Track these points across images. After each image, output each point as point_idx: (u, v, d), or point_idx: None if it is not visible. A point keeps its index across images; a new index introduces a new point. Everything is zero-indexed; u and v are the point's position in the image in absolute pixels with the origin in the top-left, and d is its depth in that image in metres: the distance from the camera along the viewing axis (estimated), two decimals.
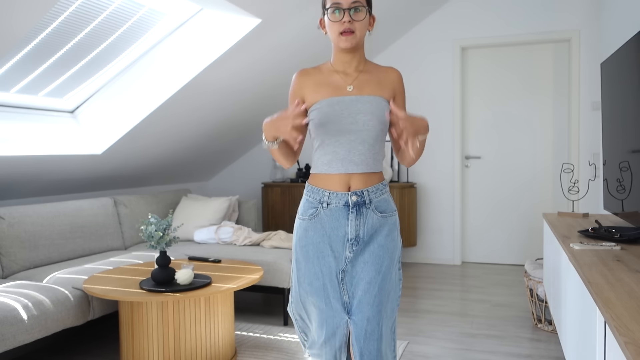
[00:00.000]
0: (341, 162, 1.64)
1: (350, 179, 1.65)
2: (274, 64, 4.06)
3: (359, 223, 1.63)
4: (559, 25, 4.62)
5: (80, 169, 3.76)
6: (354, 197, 1.63)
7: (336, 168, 1.65)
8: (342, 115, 1.63)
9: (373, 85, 1.68)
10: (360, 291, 1.62)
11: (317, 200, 1.66)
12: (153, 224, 2.55)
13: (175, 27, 3.47)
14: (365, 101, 1.64)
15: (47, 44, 2.98)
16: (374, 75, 1.71)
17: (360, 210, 1.64)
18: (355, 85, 1.67)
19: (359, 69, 1.70)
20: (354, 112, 1.63)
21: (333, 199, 1.64)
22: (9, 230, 3.06)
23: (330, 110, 1.63)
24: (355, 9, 1.62)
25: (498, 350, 2.86)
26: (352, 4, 1.61)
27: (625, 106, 2.35)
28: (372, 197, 1.65)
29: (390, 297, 1.66)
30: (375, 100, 1.65)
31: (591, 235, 2.24)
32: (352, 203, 1.63)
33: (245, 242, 3.78)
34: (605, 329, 1.30)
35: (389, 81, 1.71)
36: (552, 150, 4.80)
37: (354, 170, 1.64)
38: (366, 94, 1.65)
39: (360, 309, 1.61)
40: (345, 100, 1.64)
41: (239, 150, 5.48)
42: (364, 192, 1.64)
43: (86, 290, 2.54)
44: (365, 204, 1.64)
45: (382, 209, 1.67)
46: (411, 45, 5.07)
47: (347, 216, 1.63)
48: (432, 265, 5.04)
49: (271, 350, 2.86)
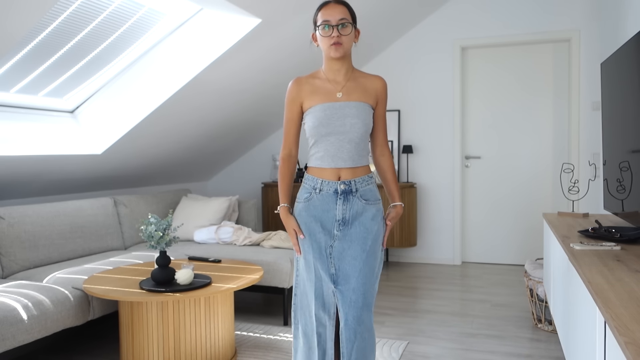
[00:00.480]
0: (332, 158, 1.93)
1: (340, 171, 1.94)
2: (273, 63, 4.06)
3: (346, 208, 1.93)
4: (559, 25, 4.62)
5: (80, 169, 3.76)
6: (342, 185, 1.93)
7: (327, 163, 1.94)
8: (332, 118, 1.92)
9: (359, 93, 1.96)
10: (347, 265, 1.91)
11: (311, 187, 1.97)
12: (153, 224, 2.55)
13: (175, 27, 3.47)
14: (352, 106, 1.93)
15: (47, 44, 2.98)
16: (360, 83, 1.99)
17: (347, 197, 1.94)
18: (343, 92, 1.95)
19: (347, 76, 1.98)
20: (342, 115, 1.92)
21: (325, 187, 1.94)
22: (9, 230, 3.06)
23: (322, 114, 1.92)
24: (343, 25, 1.90)
25: (498, 350, 2.86)
26: (339, 20, 1.89)
27: (626, 106, 2.35)
28: (359, 187, 1.95)
29: (373, 272, 1.94)
30: (361, 105, 1.94)
31: (591, 235, 2.24)
32: (341, 191, 1.93)
33: (245, 242, 3.78)
34: (605, 329, 1.30)
35: (373, 89, 2.00)
36: (552, 150, 4.80)
37: (342, 165, 1.94)
38: (353, 100, 1.94)
39: (346, 280, 1.91)
40: (335, 105, 1.93)
41: (239, 150, 5.48)
42: (351, 182, 1.94)
43: (86, 290, 2.54)
44: (352, 192, 1.94)
45: (367, 197, 1.96)
46: (411, 45, 5.07)
47: (336, 201, 1.94)
48: (432, 265, 5.04)
49: (271, 350, 2.86)
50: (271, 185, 5.19)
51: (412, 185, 4.92)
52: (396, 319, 3.41)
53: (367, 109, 1.96)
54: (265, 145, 5.64)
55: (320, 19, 1.92)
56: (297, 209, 1.99)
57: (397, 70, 5.10)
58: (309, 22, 3.72)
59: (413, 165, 5.12)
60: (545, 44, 4.76)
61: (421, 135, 5.09)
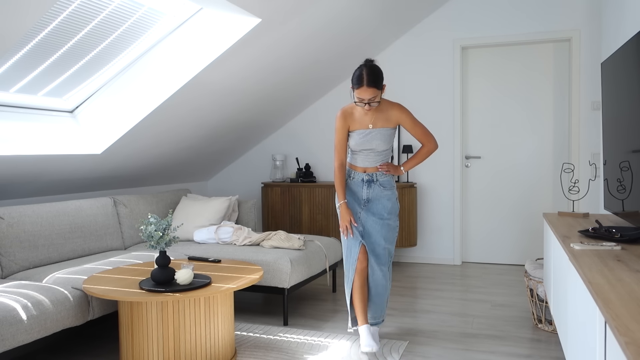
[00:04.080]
0: (362, 161, 2.91)
1: (366, 168, 2.91)
2: (273, 63, 4.05)
3: (369, 191, 2.90)
4: (559, 25, 4.62)
5: (80, 168, 3.76)
6: (367, 176, 2.90)
7: (360, 164, 2.92)
8: (364, 140, 2.85)
9: (383, 121, 2.84)
10: (369, 227, 2.89)
11: (348, 175, 2.94)
12: (153, 224, 2.55)
13: (175, 26, 3.47)
14: (377, 132, 2.84)
15: (46, 44, 2.98)
16: (385, 114, 2.83)
17: (370, 184, 2.90)
18: (373, 122, 2.83)
19: (376, 110, 2.82)
20: (371, 139, 2.84)
21: (356, 176, 2.92)
22: (9, 230, 3.06)
23: (359, 138, 2.85)
24: (373, 100, 2.71)
25: (498, 350, 2.86)
26: (370, 99, 2.70)
27: (626, 106, 2.35)
28: (378, 178, 2.90)
29: (389, 233, 2.90)
30: (385, 131, 2.85)
31: (591, 235, 2.24)
32: (366, 180, 2.90)
33: (245, 242, 3.78)
34: (606, 329, 1.30)
35: (394, 116, 2.85)
36: (552, 150, 4.80)
37: (368, 165, 2.91)
38: (378, 127, 2.84)
39: (369, 236, 2.89)
40: (366, 132, 2.84)
41: (238, 150, 5.48)
42: (373, 174, 2.90)
43: (86, 290, 2.54)
44: (374, 181, 2.90)
45: (384, 185, 2.91)
46: (411, 45, 5.07)
47: (362, 186, 2.90)
48: (432, 265, 5.04)
49: (271, 350, 2.86)
50: (271, 185, 5.19)
51: (412, 185, 4.92)
52: (396, 319, 3.41)
53: (389, 132, 2.86)
54: (265, 145, 5.64)
55: (356, 96, 2.71)
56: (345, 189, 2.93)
57: (397, 69, 5.10)
58: (309, 22, 3.72)
59: None
60: (545, 44, 4.76)
61: None
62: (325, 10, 3.68)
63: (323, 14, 3.72)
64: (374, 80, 2.66)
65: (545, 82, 4.78)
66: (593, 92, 4.55)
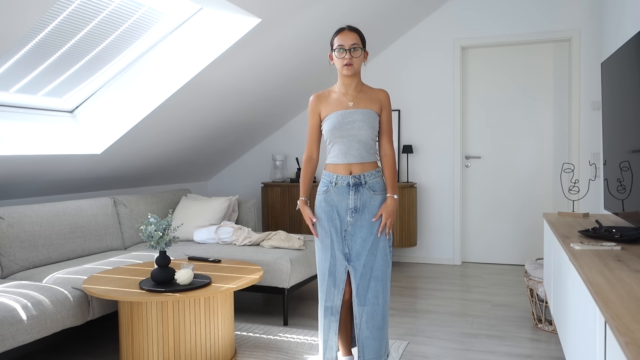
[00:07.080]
0: (344, 155, 2.32)
1: (351, 166, 2.33)
2: (273, 63, 4.05)
3: (357, 198, 2.32)
4: (559, 25, 4.62)
5: (80, 168, 3.76)
6: (353, 179, 2.32)
7: (340, 159, 2.33)
8: (344, 122, 2.31)
9: (366, 101, 2.36)
10: (358, 245, 2.31)
11: (328, 181, 2.35)
12: (153, 224, 2.55)
13: (175, 26, 3.47)
14: (360, 113, 2.32)
15: (46, 44, 2.98)
16: (367, 94, 2.38)
17: (358, 188, 2.32)
18: (354, 101, 2.35)
19: (357, 89, 2.37)
20: (352, 120, 2.31)
21: (339, 181, 2.32)
22: (9, 230, 3.06)
23: (336, 120, 2.32)
24: (354, 49, 2.29)
25: (498, 350, 2.86)
26: (351, 45, 2.29)
27: (626, 106, 2.35)
28: (367, 180, 2.33)
29: (379, 250, 2.32)
30: (368, 112, 2.33)
31: (591, 235, 2.24)
32: (352, 183, 2.32)
33: (245, 242, 3.78)
34: (606, 329, 1.30)
35: (377, 98, 2.38)
36: (552, 150, 4.80)
37: (352, 160, 2.32)
38: (361, 108, 2.33)
39: (358, 257, 2.31)
40: (347, 112, 2.32)
41: (238, 150, 5.48)
42: (361, 175, 2.33)
43: (86, 291, 2.54)
44: (362, 184, 2.33)
45: (374, 188, 2.35)
46: (411, 44, 5.07)
47: (349, 192, 2.32)
48: (432, 265, 5.04)
49: (271, 351, 2.86)
50: (271, 185, 5.19)
51: (412, 185, 4.92)
52: (396, 319, 3.41)
53: (373, 114, 2.34)
54: (265, 145, 5.63)
55: (336, 43, 2.32)
56: (318, 200, 2.38)
57: (397, 70, 5.10)
58: (309, 22, 3.71)
59: (413, 165, 5.12)
60: (545, 44, 4.76)
61: (421, 135, 5.09)
62: (325, 11, 3.68)
63: (323, 14, 3.72)
64: (356, 29, 2.34)
65: (545, 82, 4.78)
66: (593, 92, 4.55)
